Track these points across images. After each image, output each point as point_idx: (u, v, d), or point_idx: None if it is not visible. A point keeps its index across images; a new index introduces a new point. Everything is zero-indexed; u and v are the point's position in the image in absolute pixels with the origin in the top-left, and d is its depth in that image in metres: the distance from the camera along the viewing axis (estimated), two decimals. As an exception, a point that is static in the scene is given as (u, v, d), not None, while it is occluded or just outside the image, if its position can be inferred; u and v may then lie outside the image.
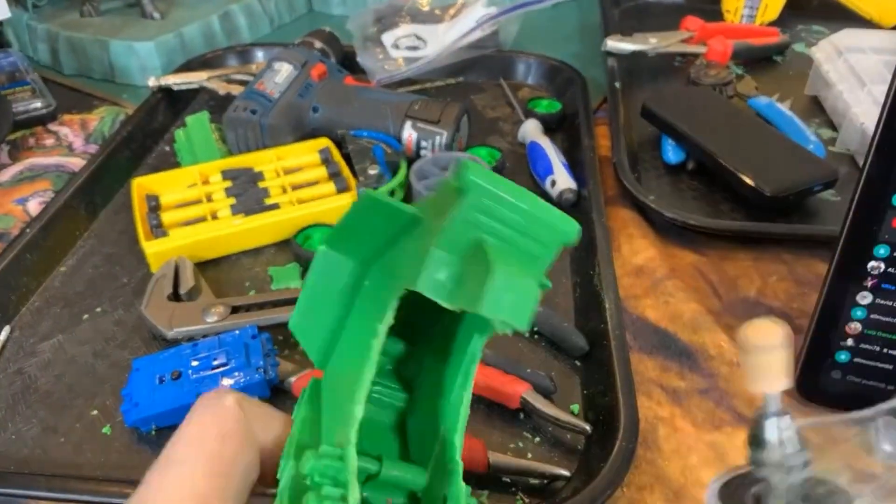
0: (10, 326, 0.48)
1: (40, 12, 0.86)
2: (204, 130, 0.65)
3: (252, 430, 0.23)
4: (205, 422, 0.22)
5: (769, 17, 0.86)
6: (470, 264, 0.18)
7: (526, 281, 0.17)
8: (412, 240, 0.20)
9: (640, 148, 0.65)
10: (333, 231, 0.23)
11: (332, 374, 0.23)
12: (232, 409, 0.22)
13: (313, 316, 0.23)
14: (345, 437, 0.19)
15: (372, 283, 0.23)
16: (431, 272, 0.18)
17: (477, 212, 0.18)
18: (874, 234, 0.37)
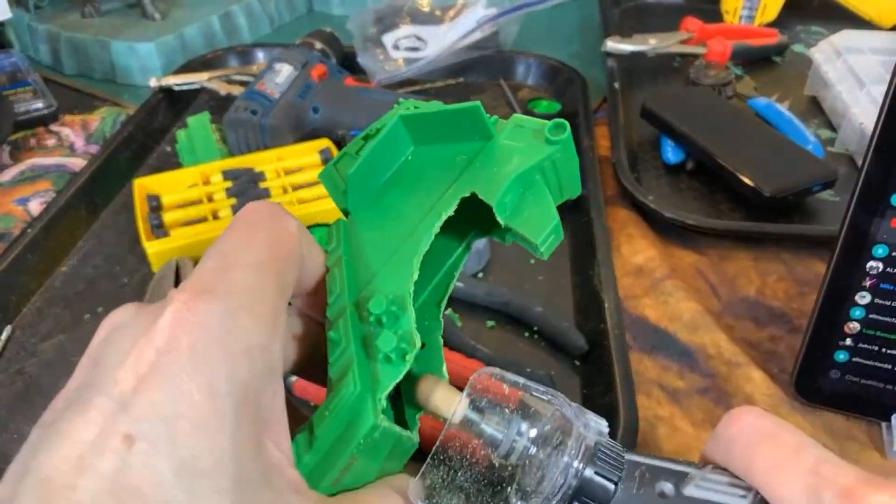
0: (12, 326, 0.48)
1: (41, 13, 0.86)
2: (205, 131, 0.65)
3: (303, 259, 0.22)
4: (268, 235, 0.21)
5: (768, 18, 0.87)
6: (532, 201, 0.23)
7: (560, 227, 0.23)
8: (486, 157, 0.24)
9: (639, 148, 0.65)
10: (420, 115, 0.24)
11: (373, 228, 0.24)
12: (293, 238, 0.21)
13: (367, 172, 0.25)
14: (405, 291, 0.22)
15: (430, 170, 0.24)
16: (504, 195, 0.22)
17: (550, 161, 0.23)
18: (873, 234, 0.37)
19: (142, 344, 0.17)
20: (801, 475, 0.18)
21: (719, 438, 0.21)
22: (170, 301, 0.18)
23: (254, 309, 0.18)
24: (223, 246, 0.20)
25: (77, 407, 0.16)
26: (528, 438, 0.20)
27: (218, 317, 0.18)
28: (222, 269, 0.19)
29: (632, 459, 0.21)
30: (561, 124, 0.23)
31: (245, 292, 0.19)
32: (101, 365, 0.17)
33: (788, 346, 0.46)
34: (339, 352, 0.21)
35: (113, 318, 0.19)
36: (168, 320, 0.17)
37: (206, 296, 0.18)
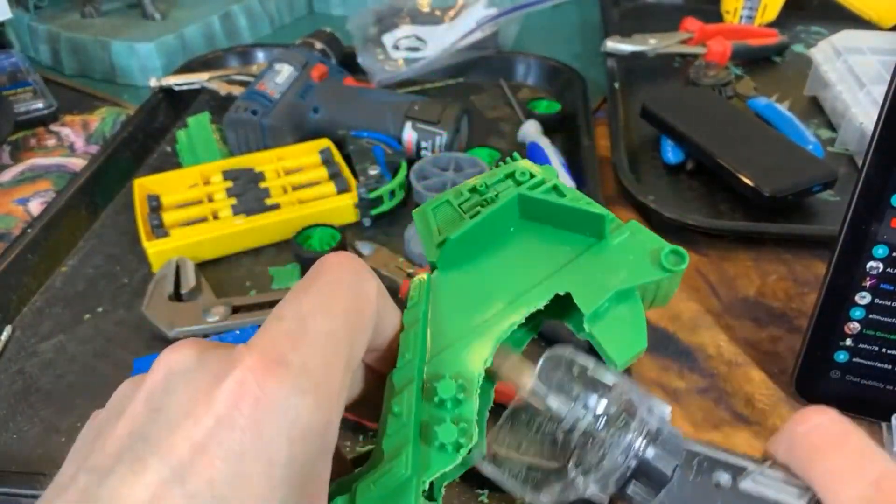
0: (12, 326, 0.48)
1: (41, 13, 0.86)
2: (205, 131, 0.65)
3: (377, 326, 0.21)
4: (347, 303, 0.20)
5: (768, 18, 0.87)
6: (625, 317, 0.22)
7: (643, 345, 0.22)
8: (593, 257, 0.23)
9: (639, 148, 0.65)
10: (541, 201, 0.24)
11: (457, 292, 0.24)
12: (372, 302, 0.21)
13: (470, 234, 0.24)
14: (473, 377, 0.22)
15: (531, 252, 0.24)
16: (597, 309, 0.22)
17: (657, 285, 0.23)
18: (873, 235, 0.37)
19: (201, 407, 0.16)
20: (861, 485, 0.18)
21: (785, 435, 0.21)
22: (237, 360, 0.17)
23: (322, 390, 0.18)
24: (301, 305, 0.19)
25: (131, 465, 0.16)
26: (593, 415, 0.21)
27: (285, 396, 0.17)
28: (297, 336, 0.18)
29: (691, 448, 0.21)
30: (680, 254, 0.23)
31: (317, 370, 0.18)
32: (159, 418, 0.17)
33: (788, 347, 0.46)
34: (398, 428, 0.21)
35: (172, 357, 0.18)
36: (231, 387, 0.16)
37: (276, 369, 0.17)
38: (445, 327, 0.23)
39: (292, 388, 0.17)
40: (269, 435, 0.16)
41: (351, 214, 0.57)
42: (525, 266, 0.24)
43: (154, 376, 0.18)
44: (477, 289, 0.24)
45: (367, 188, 0.55)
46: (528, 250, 0.24)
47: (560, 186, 0.25)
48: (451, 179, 0.57)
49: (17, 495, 0.37)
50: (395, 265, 0.51)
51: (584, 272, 0.23)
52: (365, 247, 0.53)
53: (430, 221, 0.25)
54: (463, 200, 0.25)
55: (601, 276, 0.23)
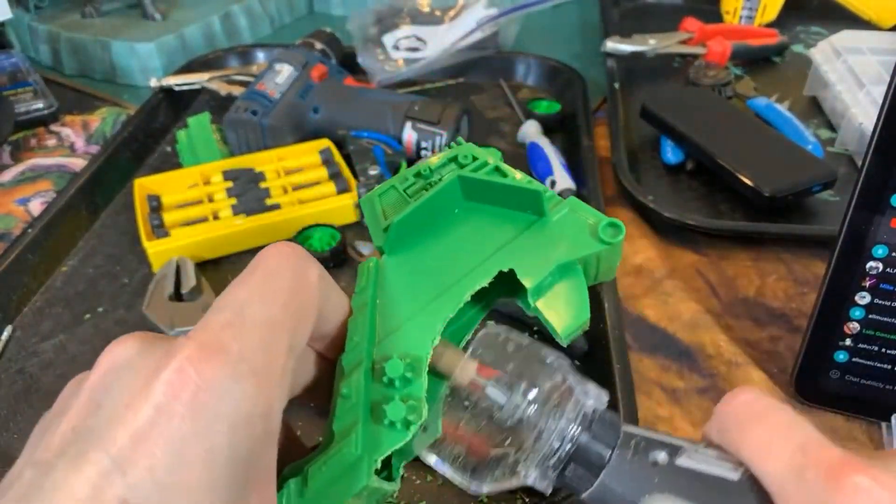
0: (12, 326, 0.48)
1: (42, 13, 0.86)
2: (205, 131, 0.65)
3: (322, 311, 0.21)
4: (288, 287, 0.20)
5: (768, 18, 0.87)
6: (567, 290, 0.23)
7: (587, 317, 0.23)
8: (534, 234, 0.24)
9: (639, 148, 0.65)
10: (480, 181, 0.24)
11: (404, 276, 0.24)
12: (313, 289, 0.20)
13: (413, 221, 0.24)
14: (422, 355, 0.22)
15: (476, 233, 0.24)
16: (539, 281, 0.23)
17: (595, 257, 0.23)
18: (873, 235, 0.38)
19: (140, 398, 0.16)
20: (788, 452, 0.19)
21: (716, 415, 0.21)
22: (176, 350, 0.17)
23: (262, 375, 0.18)
24: (239, 294, 0.19)
25: (73, 459, 0.16)
26: (527, 399, 0.21)
27: (224, 382, 0.17)
28: (235, 325, 0.18)
29: (628, 430, 0.21)
30: (616, 225, 0.23)
31: (255, 356, 0.18)
32: (99, 411, 0.17)
33: (788, 346, 0.46)
34: (347, 409, 0.21)
35: (115, 351, 0.18)
36: (169, 376, 0.17)
37: (214, 356, 0.17)
38: (394, 310, 0.23)
39: (231, 375, 0.17)
40: (208, 422, 0.16)
41: (351, 214, 0.57)
42: (469, 246, 0.24)
43: (97, 372, 0.18)
44: (423, 271, 0.24)
45: (368, 188, 0.55)
46: (473, 231, 0.24)
47: (502, 168, 0.25)
48: (451, 179, 0.57)
49: (18, 495, 0.37)
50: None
51: (525, 249, 0.23)
52: (365, 247, 0.53)
53: (377, 207, 0.25)
54: (408, 185, 0.25)
55: (542, 252, 0.23)
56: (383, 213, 0.25)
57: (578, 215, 0.24)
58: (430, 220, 0.24)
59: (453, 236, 0.25)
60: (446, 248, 0.24)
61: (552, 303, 0.23)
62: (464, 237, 0.24)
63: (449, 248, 0.24)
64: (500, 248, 0.24)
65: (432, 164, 0.26)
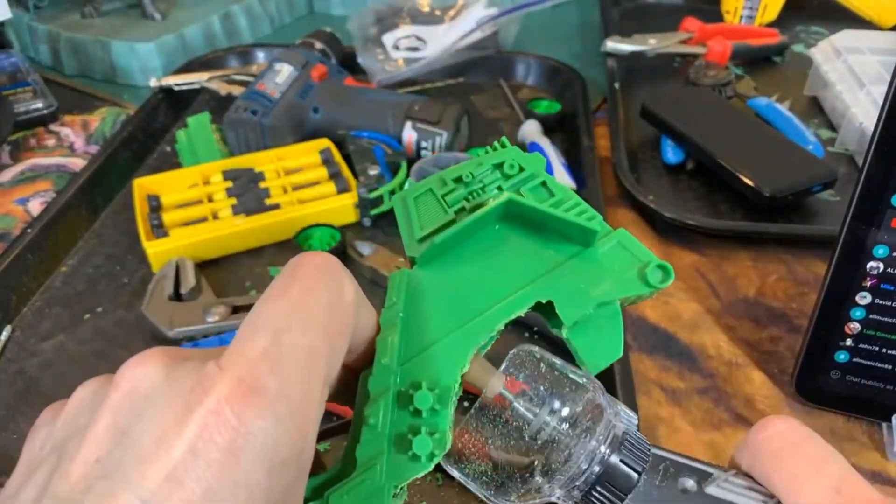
0: (12, 326, 0.48)
1: (41, 13, 0.86)
2: (205, 131, 0.65)
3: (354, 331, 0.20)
4: (325, 313, 0.18)
5: (768, 18, 0.86)
6: (602, 325, 0.22)
7: (619, 354, 0.22)
8: (577, 265, 0.23)
9: (639, 148, 0.65)
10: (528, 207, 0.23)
11: (435, 293, 0.23)
12: (349, 309, 0.19)
13: (451, 238, 0.23)
14: (448, 385, 0.21)
15: (515, 256, 0.23)
16: (578, 313, 0.22)
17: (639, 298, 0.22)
18: (873, 234, 0.37)
19: (173, 436, 0.15)
20: (822, 490, 0.18)
21: (747, 443, 0.21)
22: (210, 385, 0.16)
23: (300, 413, 0.17)
24: (275, 314, 0.18)
25: (101, 498, 0.15)
26: (558, 419, 0.21)
27: (263, 426, 0.16)
28: (272, 356, 0.17)
29: (657, 453, 0.21)
30: (666, 270, 0.22)
31: (294, 392, 0.17)
32: (125, 442, 0.16)
33: (788, 347, 0.46)
34: (373, 437, 0.21)
35: (137, 374, 0.17)
36: (205, 417, 0.15)
37: (252, 396, 0.16)
38: (423, 328, 0.22)
39: (270, 418, 0.16)
40: (246, 466, 0.16)
41: (351, 214, 0.57)
42: (508, 269, 0.23)
43: (118, 393, 0.17)
44: (457, 290, 0.23)
45: (368, 188, 0.55)
46: (512, 252, 0.23)
47: (549, 182, 0.24)
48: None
49: (17, 495, 0.37)
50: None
51: (568, 280, 0.22)
52: (365, 247, 0.53)
53: (412, 211, 0.24)
54: (447, 192, 0.24)
55: (585, 286, 0.22)
56: (419, 221, 0.23)
57: (627, 251, 0.23)
58: (469, 235, 0.23)
59: (491, 255, 0.23)
60: (484, 268, 0.23)
61: (585, 336, 0.22)
62: (503, 258, 0.23)
63: (486, 268, 0.23)
64: (541, 276, 0.23)
65: (475, 171, 0.24)
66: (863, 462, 0.40)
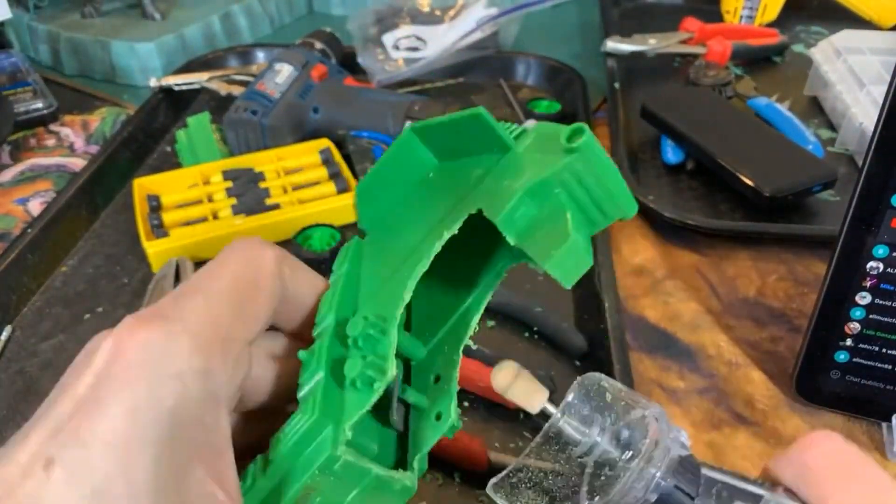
0: (12, 326, 0.48)
1: (41, 13, 0.86)
2: (205, 131, 0.65)
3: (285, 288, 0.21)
4: (236, 266, 0.21)
5: (768, 18, 0.86)
6: (547, 218, 0.20)
7: (586, 252, 0.19)
8: (500, 170, 0.21)
9: (639, 148, 0.65)
10: (428, 124, 0.23)
11: (380, 248, 0.24)
12: (268, 267, 0.21)
13: (378, 187, 0.24)
14: (390, 314, 0.21)
15: (444, 187, 0.23)
16: (512, 212, 0.20)
17: (569, 172, 0.19)
18: (873, 235, 0.37)
19: (83, 368, 0.17)
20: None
21: (793, 461, 0.21)
22: (119, 325, 0.18)
23: (198, 333, 0.18)
24: (192, 278, 0.20)
25: (26, 431, 0.17)
26: (614, 444, 0.21)
27: (155, 341, 0.17)
28: (179, 296, 0.19)
29: (709, 476, 0.21)
30: (578, 129, 0.20)
31: (192, 317, 0.18)
32: (56, 389, 0.18)
33: (788, 347, 0.46)
34: (308, 373, 0.20)
35: (88, 344, 0.19)
36: (110, 344, 0.17)
37: (151, 321, 0.18)
38: (368, 282, 0.22)
39: (163, 333, 0.18)
40: (133, 377, 0.17)
41: (351, 214, 0.56)
42: (438, 201, 0.22)
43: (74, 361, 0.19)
44: (395, 238, 0.23)
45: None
46: (439, 185, 0.23)
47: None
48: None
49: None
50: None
51: (493, 186, 0.21)
52: (365, 247, 0.53)
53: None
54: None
55: (508, 184, 0.20)
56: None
57: (546, 136, 0.21)
58: (400, 186, 0.24)
59: (424, 198, 0.23)
60: (416, 210, 0.23)
61: (533, 237, 0.19)
62: (433, 194, 0.23)
63: (418, 209, 0.23)
64: (468, 194, 0.21)
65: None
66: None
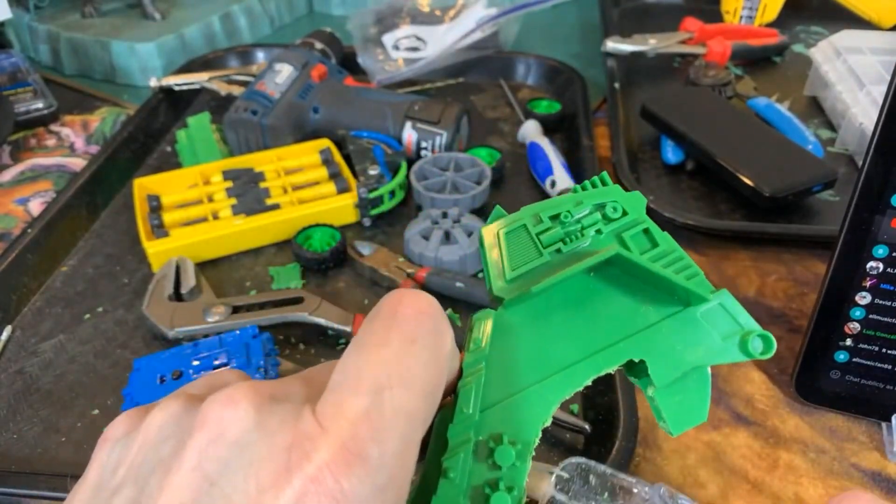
0: (12, 326, 0.48)
1: (41, 13, 0.86)
2: (205, 131, 0.65)
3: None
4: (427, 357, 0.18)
5: (768, 18, 0.87)
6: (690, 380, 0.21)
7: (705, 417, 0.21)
8: (676, 325, 0.22)
9: (639, 148, 0.65)
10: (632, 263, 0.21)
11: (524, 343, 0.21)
12: (447, 363, 0.19)
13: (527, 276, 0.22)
14: (528, 439, 0.20)
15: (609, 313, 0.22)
16: (671, 375, 0.21)
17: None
18: (873, 235, 0.37)
19: (269, 498, 0.15)
20: None
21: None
22: (310, 449, 0.15)
23: (398, 480, 0.16)
24: (378, 370, 0.17)
25: None
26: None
27: (364, 496, 0.15)
28: (376, 420, 0.16)
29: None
30: (768, 341, 0.21)
31: (394, 460, 0.16)
32: (215, 494, 0.15)
33: (788, 347, 0.46)
34: (451, 489, 0.20)
35: (224, 416, 0.16)
36: (305, 485, 0.15)
37: (354, 465, 0.15)
38: (507, 376, 0.21)
39: (371, 487, 0.15)
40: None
41: (351, 214, 0.57)
42: (600, 321, 0.22)
43: (204, 434, 0.16)
44: (544, 338, 0.21)
45: (367, 188, 0.55)
46: (606, 303, 0.22)
47: (652, 230, 0.22)
48: (450, 179, 0.57)
49: (17, 495, 0.37)
50: (395, 265, 0.51)
51: (663, 340, 0.21)
52: (365, 247, 0.53)
53: (501, 247, 0.22)
54: (542, 230, 0.22)
55: (681, 348, 0.21)
56: (508, 259, 0.22)
57: (728, 315, 0.22)
58: (563, 291, 0.22)
59: (584, 304, 0.22)
60: (574, 317, 0.22)
61: (672, 397, 0.21)
62: (596, 309, 0.22)
63: (577, 318, 0.22)
64: (636, 333, 0.21)
65: (574, 210, 0.22)
66: (862, 462, 0.40)
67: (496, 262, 0.22)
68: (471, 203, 0.56)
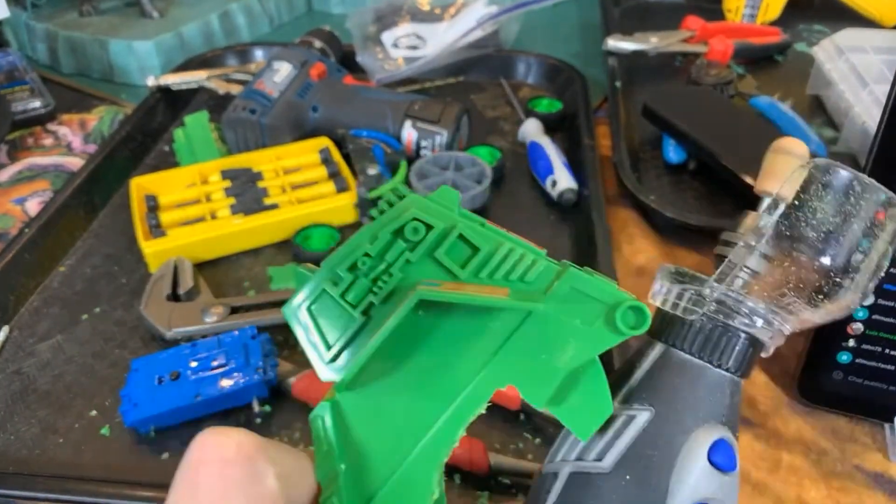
0: (9, 327, 0.48)
1: (39, 12, 0.86)
2: (203, 130, 0.65)
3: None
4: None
5: (770, 17, 0.86)
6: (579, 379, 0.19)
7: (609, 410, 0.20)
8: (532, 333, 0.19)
9: (640, 147, 0.65)
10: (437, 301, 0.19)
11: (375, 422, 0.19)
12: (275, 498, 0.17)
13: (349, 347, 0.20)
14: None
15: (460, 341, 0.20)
16: (546, 391, 0.19)
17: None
18: (876, 235, 0.37)
19: None
20: None
21: None
22: None
23: None
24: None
25: None
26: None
27: None
28: None
29: None
30: (641, 312, 0.19)
31: None
32: None
33: (791, 348, 0.46)
34: None
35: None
36: None
37: None
38: (373, 466, 0.19)
39: None
40: None
41: (350, 214, 0.56)
42: (447, 361, 0.19)
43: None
44: (396, 404, 0.19)
45: (367, 188, 0.55)
46: (446, 340, 0.19)
47: (468, 232, 0.19)
48: (451, 178, 0.57)
49: (15, 496, 0.37)
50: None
51: (524, 354, 0.19)
52: (364, 247, 0.53)
53: (311, 327, 0.20)
54: (344, 288, 0.19)
55: (546, 356, 0.19)
56: (321, 335, 0.19)
57: (585, 296, 0.19)
58: (394, 338, 0.19)
59: (423, 349, 0.19)
60: (419, 368, 0.19)
61: (568, 406, 0.19)
62: (438, 348, 0.19)
63: (423, 368, 0.19)
64: (492, 358, 0.19)
65: (372, 250, 0.19)
66: (865, 463, 0.40)
67: (313, 343, 0.20)
68: (471, 202, 0.55)
